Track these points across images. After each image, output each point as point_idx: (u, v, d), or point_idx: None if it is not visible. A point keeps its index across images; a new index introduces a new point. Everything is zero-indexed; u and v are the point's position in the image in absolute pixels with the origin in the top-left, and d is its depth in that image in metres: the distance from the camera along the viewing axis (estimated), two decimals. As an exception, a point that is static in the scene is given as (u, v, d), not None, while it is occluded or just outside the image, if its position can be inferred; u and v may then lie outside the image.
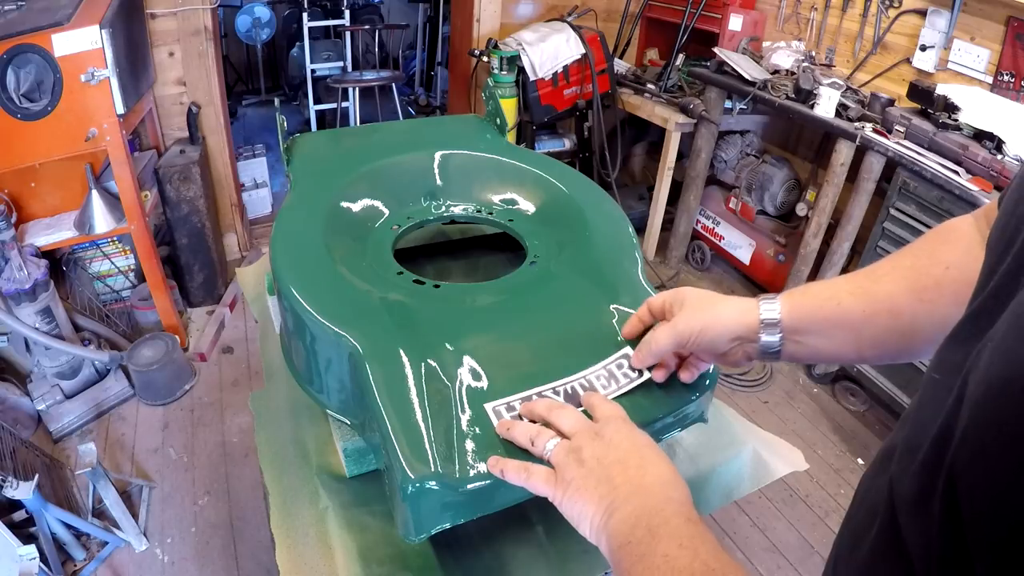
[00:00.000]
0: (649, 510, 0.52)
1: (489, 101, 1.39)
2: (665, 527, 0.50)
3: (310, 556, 0.80)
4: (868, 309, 0.61)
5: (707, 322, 0.67)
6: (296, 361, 0.94)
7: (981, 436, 0.31)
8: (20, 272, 2.07)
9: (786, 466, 0.99)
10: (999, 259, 0.39)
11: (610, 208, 1.09)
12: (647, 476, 0.55)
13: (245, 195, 3.60)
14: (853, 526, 0.45)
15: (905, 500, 0.37)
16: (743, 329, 0.66)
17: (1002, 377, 0.30)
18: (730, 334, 0.67)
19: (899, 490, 0.38)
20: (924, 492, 0.35)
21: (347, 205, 1.08)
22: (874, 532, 0.40)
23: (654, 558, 0.47)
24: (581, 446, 0.58)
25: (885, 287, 0.61)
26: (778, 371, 2.78)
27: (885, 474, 0.41)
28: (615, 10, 3.76)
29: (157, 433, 2.30)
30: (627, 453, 0.57)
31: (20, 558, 1.53)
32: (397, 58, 5.92)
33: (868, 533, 0.41)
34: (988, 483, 0.30)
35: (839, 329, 0.63)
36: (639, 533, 0.50)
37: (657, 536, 0.49)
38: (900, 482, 0.38)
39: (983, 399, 0.31)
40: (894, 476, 0.39)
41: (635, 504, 0.53)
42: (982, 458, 0.30)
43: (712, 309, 0.68)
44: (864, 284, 0.62)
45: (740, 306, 0.67)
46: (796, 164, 3.12)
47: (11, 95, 1.99)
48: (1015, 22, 2.21)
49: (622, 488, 0.54)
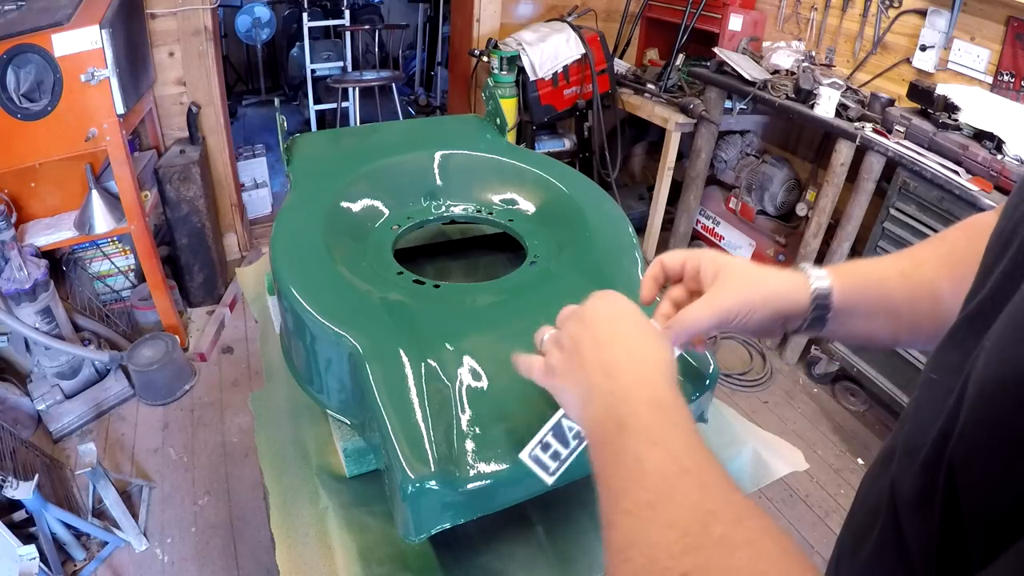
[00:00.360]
0: (619, 397, 0.47)
1: (489, 101, 1.39)
2: (634, 419, 0.45)
3: (310, 556, 0.80)
4: (913, 292, 0.59)
5: (756, 302, 0.58)
6: (296, 361, 0.94)
7: (977, 434, 0.31)
8: (20, 272, 2.07)
9: (786, 466, 0.99)
10: (996, 260, 0.39)
11: (610, 208, 1.09)
12: (618, 354, 0.51)
13: (245, 195, 3.60)
14: (855, 527, 0.45)
15: (907, 501, 0.37)
16: (793, 307, 0.59)
17: (997, 375, 0.31)
18: (779, 314, 0.59)
19: (901, 490, 0.38)
20: (925, 492, 0.35)
21: (347, 205, 1.08)
22: (876, 533, 0.40)
23: (625, 457, 0.43)
24: (562, 330, 0.55)
25: (927, 272, 0.59)
26: (778, 371, 2.78)
27: (886, 475, 0.41)
28: (615, 10, 3.76)
29: (157, 433, 2.30)
30: (600, 330, 0.53)
31: (20, 558, 1.53)
32: (397, 58, 5.91)
33: (870, 534, 0.41)
34: (984, 476, 0.30)
35: (882, 312, 0.60)
36: (609, 427, 0.46)
37: (626, 431, 0.45)
38: (901, 482, 0.38)
39: (978, 398, 0.32)
40: (895, 477, 0.39)
41: (605, 390, 0.49)
42: (979, 455, 0.31)
43: (763, 286, 0.59)
44: (908, 268, 0.59)
45: (790, 282, 0.60)
46: (796, 164, 3.12)
47: (11, 95, 1.99)
48: (1015, 22, 2.21)
49: (595, 371, 0.50)
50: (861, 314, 0.60)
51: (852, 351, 2.50)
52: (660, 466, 0.41)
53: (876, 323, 0.60)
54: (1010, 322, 0.32)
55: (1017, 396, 0.29)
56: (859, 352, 2.47)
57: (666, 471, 0.41)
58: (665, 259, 0.64)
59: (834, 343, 2.54)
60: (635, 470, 0.42)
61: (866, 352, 2.44)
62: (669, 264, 0.63)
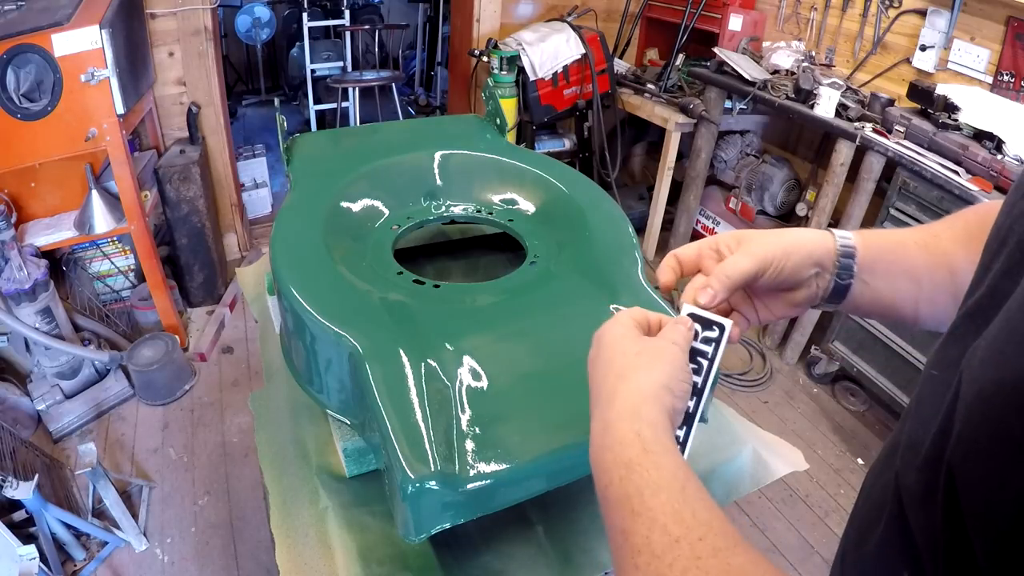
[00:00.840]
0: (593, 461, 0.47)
1: (489, 101, 1.39)
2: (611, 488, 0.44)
3: (310, 556, 0.80)
4: (931, 261, 0.59)
5: (789, 246, 0.58)
6: (296, 361, 0.94)
7: (975, 435, 0.31)
8: (20, 272, 2.07)
9: (786, 466, 0.99)
10: (993, 257, 0.40)
11: (610, 208, 1.09)
12: (592, 389, 0.50)
13: (245, 195, 3.60)
14: (859, 522, 0.46)
15: (911, 495, 0.37)
16: (824, 253, 0.59)
17: (994, 379, 0.31)
18: (812, 259, 0.59)
19: (905, 484, 0.39)
20: (928, 488, 0.35)
21: (347, 205, 1.08)
22: (882, 526, 0.41)
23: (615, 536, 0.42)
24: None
25: (943, 244, 0.59)
26: (778, 371, 2.78)
27: (890, 470, 0.41)
28: (615, 10, 3.76)
29: (157, 433, 2.30)
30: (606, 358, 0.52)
31: (20, 558, 1.53)
32: (397, 58, 5.91)
33: (876, 527, 0.41)
34: (983, 479, 0.30)
35: (904, 275, 0.60)
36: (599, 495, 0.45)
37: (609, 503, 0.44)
38: (906, 477, 0.39)
39: (976, 400, 0.32)
40: (899, 472, 0.40)
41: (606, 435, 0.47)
42: (976, 456, 0.31)
43: (788, 235, 0.60)
44: (926, 238, 0.60)
45: (814, 234, 0.60)
46: (796, 164, 3.12)
47: (11, 95, 1.99)
48: (1015, 22, 2.21)
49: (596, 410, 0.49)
50: (883, 274, 0.59)
51: (852, 351, 2.50)
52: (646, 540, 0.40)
53: (899, 286, 0.60)
54: (1006, 324, 0.33)
55: (1016, 401, 0.29)
56: (859, 352, 2.47)
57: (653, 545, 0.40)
58: (680, 251, 0.62)
59: (834, 342, 2.54)
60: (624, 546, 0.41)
61: (866, 352, 2.44)
62: (684, 256, 0.62)
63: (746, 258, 0.57)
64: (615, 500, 0.42)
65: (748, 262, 0.57)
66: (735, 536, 0.39)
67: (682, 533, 0.38)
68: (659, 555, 0.38)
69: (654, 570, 0.38)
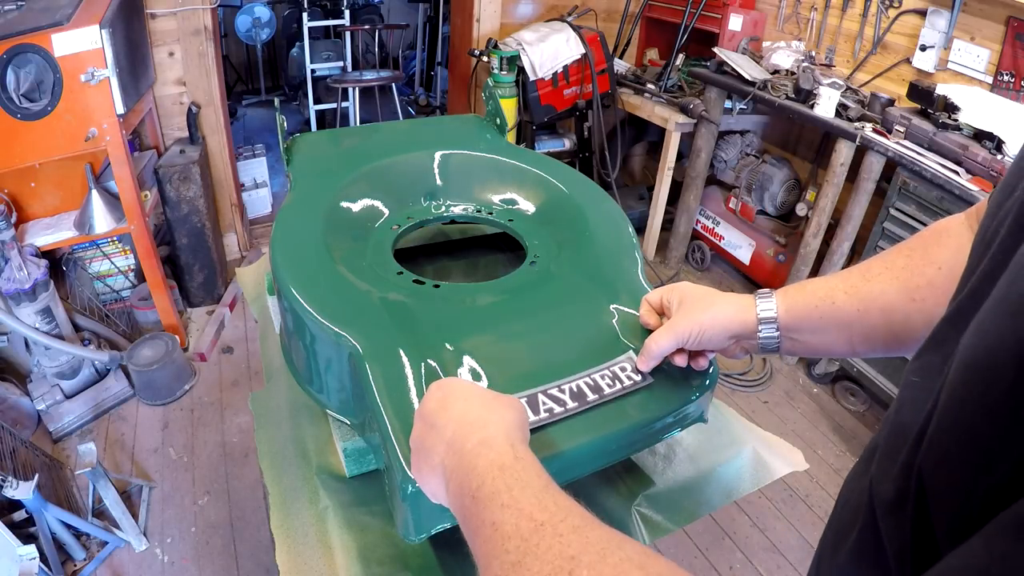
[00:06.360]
0: (465, 470, 0.48)
1: (489, 101, 1.39)
2: (482, 488, 0.46)
3: (310, 556, 0.80)
4: (861, 307, 0.62)
5: (705, 323, 0.68)
6: (296, 361, 0.94)
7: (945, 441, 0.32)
8: (20, 272, 2.07)
9: (786, 466, 0.99)
10: (978, 260, 0.39)
11: (610, 208, 1.09)
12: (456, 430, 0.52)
13: (245, 195, 3.60)
14: (836, 527, 0.46)
15: (883, 502, 0.37)
16: (741, 327, 0.68)
17: (963, 381, 0.31)
18: (728, 333, 0.68)
19: (878, 491, 0.39)
20: (900, 496, 0.35)
21: (347, 205, 1.08)
22: (855, 534, 0.41)
23: (484, 528, 0.44)
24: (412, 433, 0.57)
25: (878, 286, 0.62)
26: (778, 371, 2.78)
27: (866, 475, 0.41)
28: (615, 10, 3.76)
29: (157, 433, 2.30)
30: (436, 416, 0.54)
31: (20, 558, 1.53)
32: (397, 58, 5.92)
33: (850, 533, 0.42)
34: (952, 487, 0.31)
35: (833, 326, 0.64)
36: (466, 502, 0.47)
37: (479, 501, 0.45)
38: (880, 483, 0.39)
39: (947, 404, 0.32)
40: (874, 478, 0.40)
41: (452, 467, 0.50)
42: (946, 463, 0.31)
43: (710, 309, 0.69)
44: (858, 283, 0.64)
45: (737, 304, 0.68)
46: (796, 164, 3.12)
47: (11, 95, 1.99)
48: (1015, 22, 2.21)
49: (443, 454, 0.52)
50: (811, 330, 0.66)
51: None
52: (515, 527, 0.42)
53: (829, 337, 0.65)
54: (978, 327, 0.32)
55: (984, 407, 0.29)
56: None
57: (521, 530, 0.42)
58: (648, 298, 0.78)
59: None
60: (494, 536, 0.43)
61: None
62: (652, 301, 0.77)
63: (667, 335, 0.70)
64: (487, 497, 0.45)
65: (668, 340, 0.70)
66: (594, 519, 0.42)
67: (546, 518, 0.42)
68: (526, 537, 0.41)
69: (523, 551, 0.40)
